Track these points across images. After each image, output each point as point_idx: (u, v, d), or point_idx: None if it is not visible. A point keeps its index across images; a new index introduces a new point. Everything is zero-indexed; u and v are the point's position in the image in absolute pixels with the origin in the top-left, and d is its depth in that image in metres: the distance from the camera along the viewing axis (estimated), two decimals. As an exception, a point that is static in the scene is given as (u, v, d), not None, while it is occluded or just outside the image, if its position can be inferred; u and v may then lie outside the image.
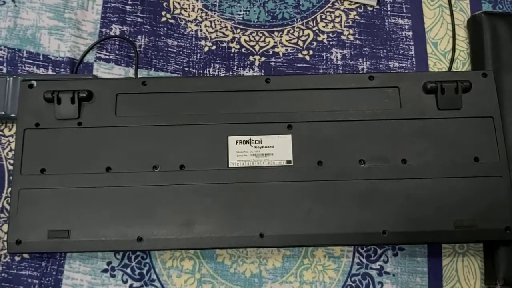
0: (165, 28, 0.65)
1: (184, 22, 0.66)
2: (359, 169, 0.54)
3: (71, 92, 0.55)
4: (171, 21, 0.65)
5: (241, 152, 0.54)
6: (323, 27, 0.66)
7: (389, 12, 0.67)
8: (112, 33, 0.64)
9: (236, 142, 0.54)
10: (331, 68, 0.64)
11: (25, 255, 0.56)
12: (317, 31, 0.66)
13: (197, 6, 0.66)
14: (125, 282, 0.55)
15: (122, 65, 0.63)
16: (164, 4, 0.66)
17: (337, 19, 0.66)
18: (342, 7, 0.67)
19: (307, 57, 0.65)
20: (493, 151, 0.54)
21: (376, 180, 0.53)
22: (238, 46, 0.65)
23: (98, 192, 0.53)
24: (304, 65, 0.64)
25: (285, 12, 0.67)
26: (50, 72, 0.62)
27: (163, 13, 0.66)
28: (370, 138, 0.55)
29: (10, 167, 0.58)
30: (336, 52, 0.65)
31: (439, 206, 0.52)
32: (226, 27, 0.66)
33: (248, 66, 0.64)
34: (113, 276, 0.55)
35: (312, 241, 0.52)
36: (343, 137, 0.55)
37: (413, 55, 0.65)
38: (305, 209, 0.52)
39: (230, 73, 0.64)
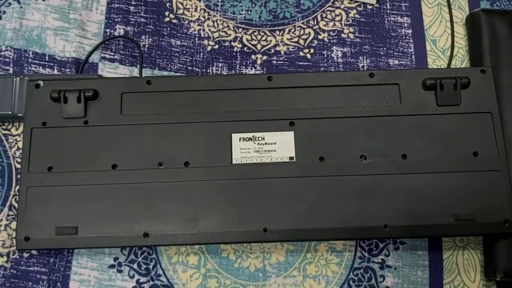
0: (169, 28, 0.66)
1: (187, 22, 0.67)
2: (360, 165, 0.55)
3: (77, 91, 0.56)
4: (174, 21, 0.66)
5: (245, 149, 0.55)
6: (324, 25, 0.67)
7: (388, 11, 0.68)
8: (116, 33, 0.65)
9: (240, 139, 0.55)
10: (332, 66, 0.65)
11: (34, 252, 0.57)
12: (317, 30, 0.67)
13: (200, 6, 0.67)
14: (132, 277, 0.56)
15: (127, 64, 0.64)
16: (167, 4, 0.67)
17: (338, 18, 0.68)
18: (342, 6, 0.68)
19: (308, 56, 0.66)
20: (491, 146, 0.55)
21: (377, 175, 0.54)
22: (240, 45, 0.66)
23: (105, 189, 0.54)
24: (305, 63, 0.65)
25: (286, 11, 0.68)
26: (55, 72, 0.63)
27: (166, 13, 0.67)
28: (371, 134, 0.56)
29: (18, 166, 0.59)
30: (337, 50, 0.66)
31: (439, 200, 0.53)
32: (228, 26, 0.67)
33: (250, 64, 0.65)
34: (120, 271, 0.56)
35: (315, 235, 0.53)
36: (344, 134, 0.56)
37: (413, 53, 0.66)
38: (308, 204, 0.53)
39: (233, 71, 0.65)
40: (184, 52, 0.65)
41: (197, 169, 0.54)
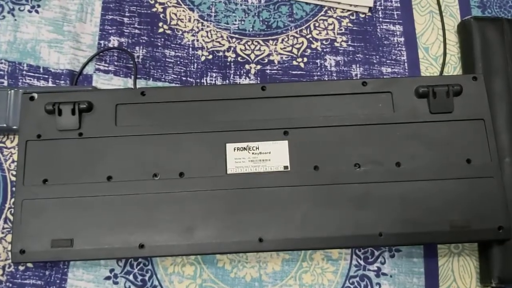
0: (163, 39, 0.66)
1: (180, 32, 0.67)
2: (355, 173, 0.55)
3: (71, 103, 0.56)
4: (168, 32, 0.67)
5: (239, 158, 0.55)
6: (317, 34, 0.68)
7: (381, 19, 0.68)
8: (110, 45, 0.66)
9: (234, 149, 0.56)
10: (326, 74, 0.66)
11: (29, 264, 0.56)
12: (311, 39, 0.67)
13: (193, 16, 0.68)
14: (128, 288, 0.56)
15: (121, 76, 0.64)
16: (161, 15, 0.67)
17: (330, 27, 0.68)
18: (335, 15, 0.69)
19: (302, 65, 0.66)
20: (484, 152, 0.55)
21: (371, 183, 0.54)
22: (234, 55, 0.66)
23: (100, 201, 0.54)
24: (299, 72, 0.66)
25: (279, 21, 0.68)
26: (50, 84, 0.63)
27: (160, 24, 0.67)
28: (365, 142, 0.56)
29: (13, 178, 0.59)
30: (330, 59, 0.66)
31: (433, 207, 0.54)
32: (222, 36, 0.67)
33: (244, 74, 0.65)
34: (116, 283, 0.56)
35: (310, 244, 0.53)
36: (338, 142, 0.56)
37: (405, 61, 0.66)
38: (303, 213, 0.53)
39: (227, 81, 0.65)
40: (178, 62, 0.65)
41: (192, 180, 0.54)
